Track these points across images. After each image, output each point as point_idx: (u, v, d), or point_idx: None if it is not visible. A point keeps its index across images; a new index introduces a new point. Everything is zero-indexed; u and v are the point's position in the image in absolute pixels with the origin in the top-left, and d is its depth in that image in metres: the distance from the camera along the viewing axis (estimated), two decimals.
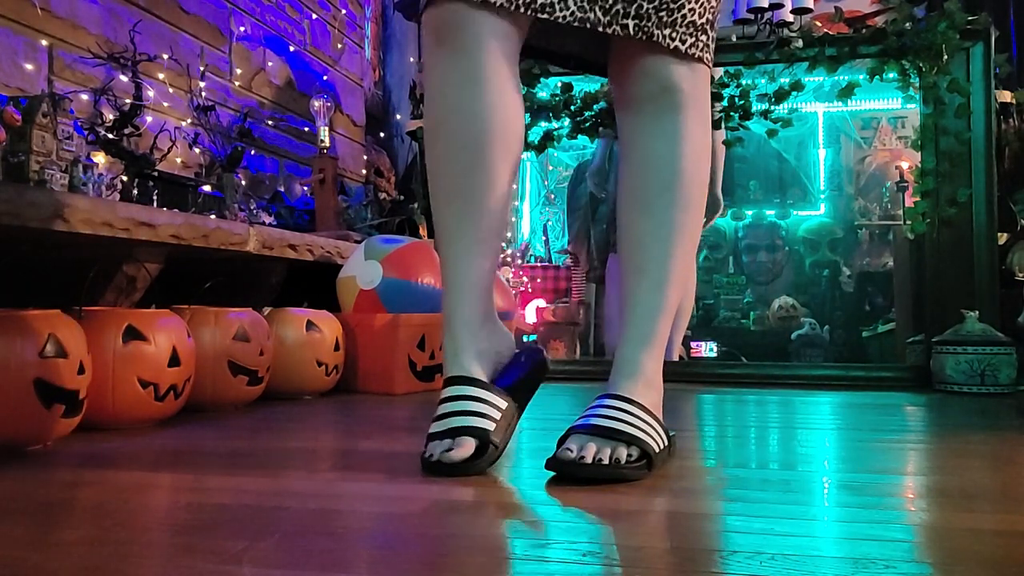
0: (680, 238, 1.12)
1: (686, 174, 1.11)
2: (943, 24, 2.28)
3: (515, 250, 3.98)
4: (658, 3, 1.04)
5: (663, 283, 1.11)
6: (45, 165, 1.68)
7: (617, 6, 1.03)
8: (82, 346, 1.25)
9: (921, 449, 1.34)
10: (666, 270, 1.11)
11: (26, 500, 0.92)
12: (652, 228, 1.11)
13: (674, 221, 1.11)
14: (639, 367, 1.10)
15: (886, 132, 4.22)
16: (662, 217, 1.11)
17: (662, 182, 1.11)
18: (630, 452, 1.00)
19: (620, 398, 1.06)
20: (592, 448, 0.99)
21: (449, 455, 1.01)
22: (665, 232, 1.11)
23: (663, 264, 1.11)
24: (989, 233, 2.30)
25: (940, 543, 0.77)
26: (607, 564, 0.68)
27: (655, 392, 1.11)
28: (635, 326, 1.12)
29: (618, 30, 1.04)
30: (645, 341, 1.11)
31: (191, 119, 2.59)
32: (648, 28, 1.04)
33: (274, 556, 0.69)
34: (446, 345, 1.09)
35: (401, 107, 4.41)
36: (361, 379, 2.05)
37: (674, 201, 1.11)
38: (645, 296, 1.12)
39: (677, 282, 1.12)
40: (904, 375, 2.36)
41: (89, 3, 2.25)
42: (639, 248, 1.13)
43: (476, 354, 1.08)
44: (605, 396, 1.07)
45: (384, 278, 2.04)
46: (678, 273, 1.12)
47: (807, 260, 4.84)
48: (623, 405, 1.05)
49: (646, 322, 1.11)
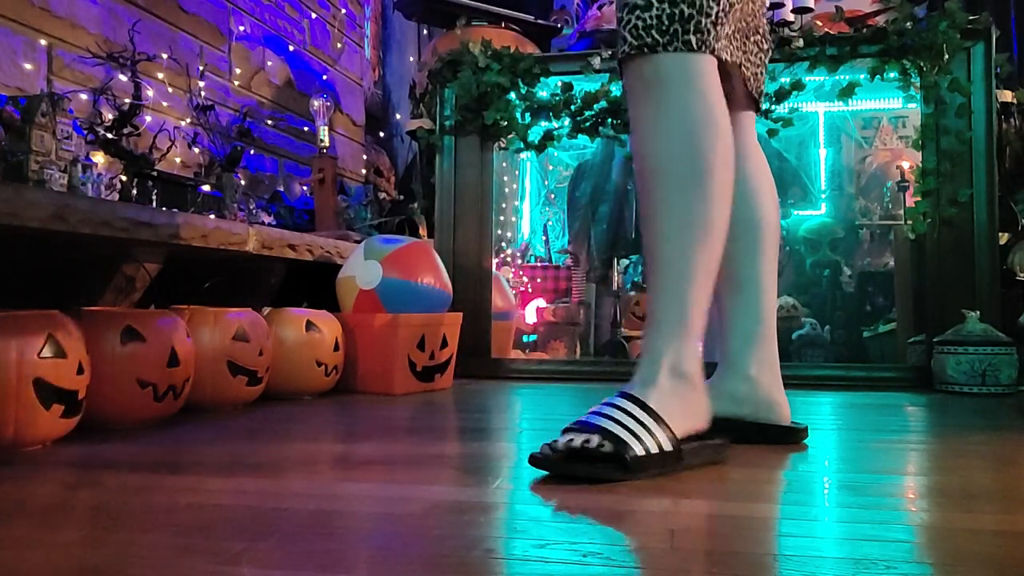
0: (663, 218, 1.10)
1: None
2: (944, 23, 2.28)
3: (515, 250, 3.97)
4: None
5: (665, 266, 1.10)
6: (44, 165, 1.68)
7: None
8: (81, 346, 1.25)
9: (922, 449, 1.34)
10: (657, 253, 1.10)
11: (26, 500, 0.92)
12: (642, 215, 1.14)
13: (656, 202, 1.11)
14: (656, 356, 1.08)
15: (887, 132, 4.21)
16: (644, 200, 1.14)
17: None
18: (602, 443, 1.00)
19: (629, 397, 1.05)
20: (564, 438, 1.02)
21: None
22: (648, 214, 1.12)
23: (650, 247, 1.11)
24: (990, 233, 2.30)
25: (941, 543, 0.76)
26: (608, 564, 0.68)
27: (681, 385, 1.08)
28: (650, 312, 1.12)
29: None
30: (659, 328, 1.09)
31: (190, 119, 2.58)
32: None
33: (273, 557, 0.69)
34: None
35: (401, 107, 4.41)
36: (361, 379, 2.05)
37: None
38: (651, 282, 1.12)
39: (667, 263, 1.09)
40: (905, 375, 2.36)
41: (88, 3, 2.24)
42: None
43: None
44: (619, 393, 1.08)
45: (384, 278, 2.04)
46: (666, 253, 1.09)
47: (808, 260, 4.84)
48: (625, 404, 1.04)
49: (651, 307, 1.11)
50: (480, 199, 2.66)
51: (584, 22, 2.93)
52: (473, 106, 2.60)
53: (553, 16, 3.63)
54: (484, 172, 2.66)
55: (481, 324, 2.58)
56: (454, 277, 2.34)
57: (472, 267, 2.63)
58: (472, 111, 2.61)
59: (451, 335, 2.17)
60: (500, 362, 2.61)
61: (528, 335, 3.60)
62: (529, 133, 2.66)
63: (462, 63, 2.60)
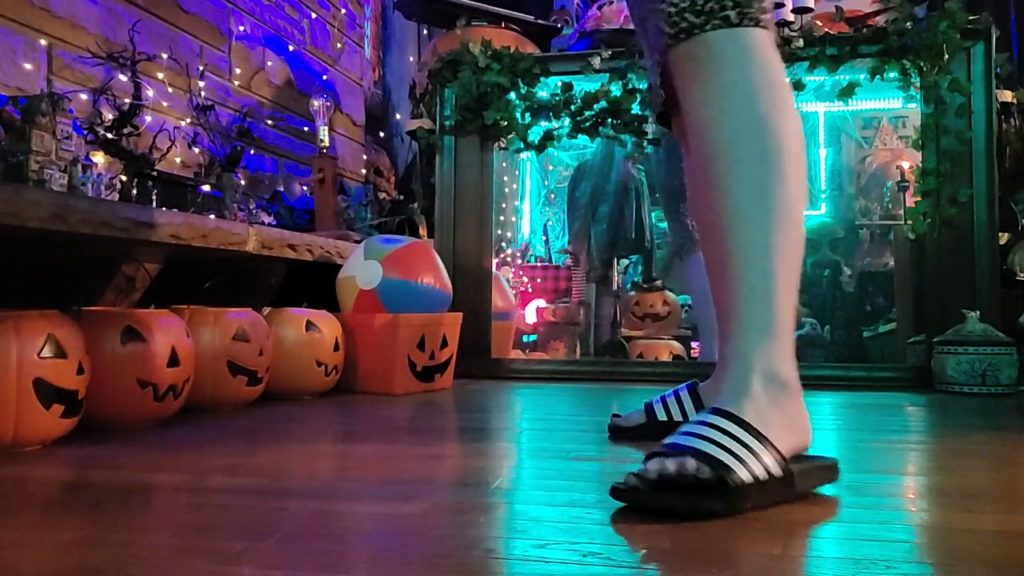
0: (736, 200, 0.97)
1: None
2: (944, 23, 2.28)
3: (515, 250, 3.97)
4: None
5: (742, 255, 0.97)
6: (44, 165, 1.68)
7: None
8: (81, 346, 1.25)
9: (922, 449, 1.34)
10: (730, 241, 0.97)
11: (26, 500, 0.92)
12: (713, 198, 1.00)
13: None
14: (745, 359, 0.94)
15: (887, 132, 4.21)
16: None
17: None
18: (700, 468, 0.83)
19: (724, 414, 0.89)
20: (654, 464, 0.85)
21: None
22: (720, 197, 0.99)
23: (721, 238, 0.98)
24: (990, 233, 2.30)
25: (941, 543, 0.76)
26: (608, 564, 0.68)
27: (778, 393, 0.92)
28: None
29: None
30: (743, 330, 0.96)
31: (190, 119, 2.58)
32: None
33: (274, 557, 0.69)
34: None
35: (401, 107, 4.41)
36: (361, 379, 2.05)
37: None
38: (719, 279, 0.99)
39: (744, 251, 0.96)
40: (905, 375, 2.36)
41: (88, 3, 2.24)
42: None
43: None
44: (710, 409, 0.92)
45: (384, 278, 2.04)
46: (741, 239, 0.96)
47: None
48: (722, 423, 0.87)
49: (727, 305, 0.98)
50: (480, 199, 2.66)
51: (584, 22, 2.93)
52: (473, 106, 2.60)
53: (553, 16, 3.63)
54: (484, 172, 2.66)
55: (481, 324, 2.58)
56: (454, 277, 2.34)
57: (472, 267, 2.63)
58: (472, 111, 2.61)
59: (451, 335, 2.17)
60: (500, 362, 2.61)
61: (528, 335, 3.60)
62: (529, 133, 2.66)
63: (462, 63, 2.60)
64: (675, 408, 1.29)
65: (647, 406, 1.32)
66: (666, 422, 1.27)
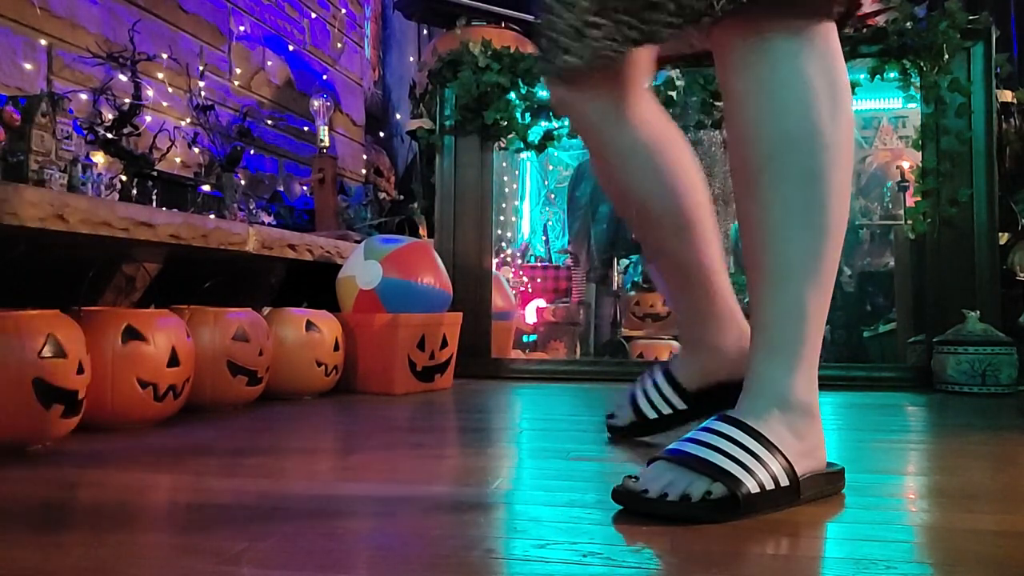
0: (778, 215, 0.89)
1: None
2: (944, 23, 2.28)
3: (515, 250, 3.98)
4: None
5: (778, 275, 0.90)
6: (44, 165, 1.68)
7: None
8: (81, 346, 1.25)
9: (922, 449, 1.34)
10: (768, 257, 0.90)
11: (26, 500, 0.92)
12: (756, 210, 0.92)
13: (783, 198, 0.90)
14: (766, 384, 0.90)
15: (887, 132, 4.21)
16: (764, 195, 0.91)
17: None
18: (710, 489, 0.82)
19: (731, 421, 0.87)
20: (662, 480, 0.84)
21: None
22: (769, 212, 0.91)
23: (759, 251, 0.91)
24: (990, 233, 2.30)
25: (941, 543, 0.76)
26: (608, 564, 0.68)
27: (796, 419, 0.88)
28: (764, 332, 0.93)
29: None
30: (770, 349, 0.91)
31: (190, 119, 2.58)
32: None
33: (274, 556, 0.69)
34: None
35: (401, 107, 4.41)
36: (361, 379, 2.05)
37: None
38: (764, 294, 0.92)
39: (781, 270, 0.90)
40: (905, 375, 2.36)
41: (88, 2, 2.24)
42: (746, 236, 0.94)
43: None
44: (717, 416, 0.90)
45: (384, 278, 2.04)
46: (779, 259, 0.90)
47: None
48: (729, 430, 0.86)
49: (759, 321, 0.93)
50: (480, 199, 2.66)
51: None
52: (473, 106, 2.60)
53: None
54: (484, 172, 2.66)
55: (481, 324, 2.58)
56: (454, 277, 2.34)
57: (472, 267, 2.63)
58: (472, 111, 2.61)
59: (451, 335, 2.17)
60: (500, 362, 2.61)
61: (528, 335, 3.60)
62: (529, 133, 2.66)
63: (462, 63, 2.60)
64: (660, 403, 1.28)
65: (633, 403, 1.31)
66: (657, 419, 1.28)
